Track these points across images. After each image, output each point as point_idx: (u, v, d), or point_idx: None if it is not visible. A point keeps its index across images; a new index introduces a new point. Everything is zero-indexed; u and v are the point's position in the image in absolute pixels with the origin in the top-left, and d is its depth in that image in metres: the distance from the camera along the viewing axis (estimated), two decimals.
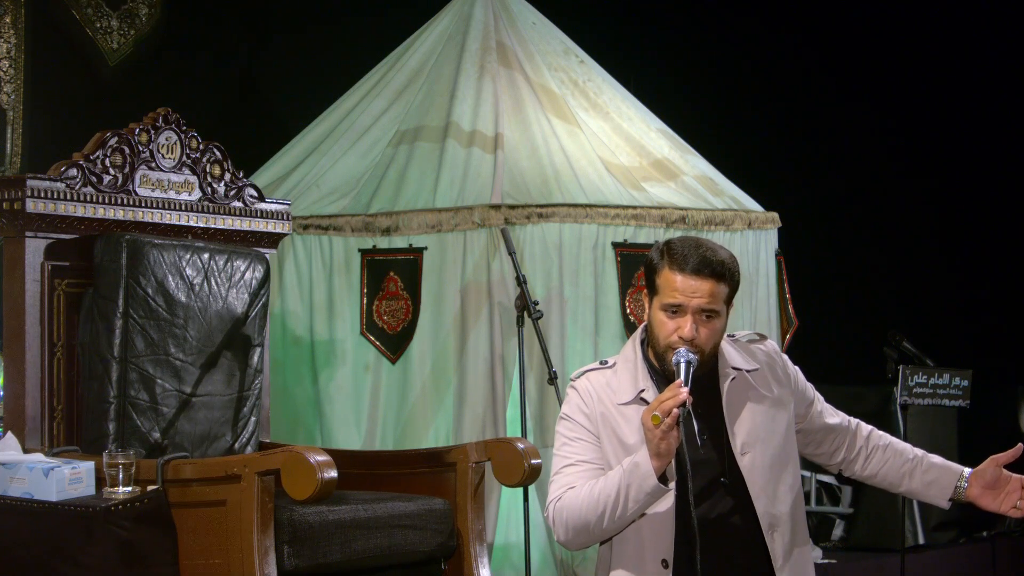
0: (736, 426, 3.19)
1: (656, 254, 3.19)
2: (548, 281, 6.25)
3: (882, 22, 9.18)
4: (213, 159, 4.99)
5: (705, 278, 3.12)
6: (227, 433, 4.78)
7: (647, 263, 3.21)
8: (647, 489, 3.04)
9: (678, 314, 3.13)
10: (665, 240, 3.23)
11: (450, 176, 6.47)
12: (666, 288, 3.14)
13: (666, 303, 3.14)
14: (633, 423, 3.18)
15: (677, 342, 3.13)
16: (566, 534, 3.19)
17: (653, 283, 3.18)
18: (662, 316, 3.15)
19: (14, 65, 6.85)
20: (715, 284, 3.13)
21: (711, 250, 3.16)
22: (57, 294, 4.60)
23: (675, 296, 3.13)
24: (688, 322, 3.12)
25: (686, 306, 3.12)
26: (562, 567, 6.14)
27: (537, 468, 4.55)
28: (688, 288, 3.12)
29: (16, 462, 4.24)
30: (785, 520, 3.18)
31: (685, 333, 3.12)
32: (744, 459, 3.17)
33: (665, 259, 3.16)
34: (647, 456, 3.03)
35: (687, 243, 3.18)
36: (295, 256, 6.39)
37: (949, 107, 9.02)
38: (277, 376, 6.12)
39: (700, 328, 3.13)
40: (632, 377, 3.24)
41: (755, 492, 3.15)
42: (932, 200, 9.15)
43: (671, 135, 7.24)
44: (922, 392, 7.01)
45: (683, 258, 3.13)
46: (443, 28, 7.18)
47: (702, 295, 3.12)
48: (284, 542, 4.09)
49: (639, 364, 3.25)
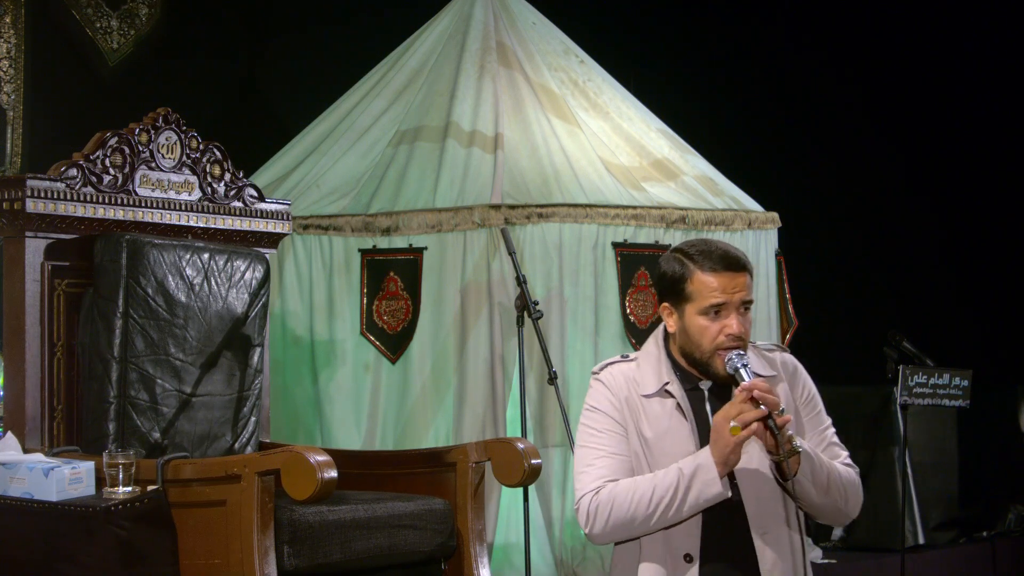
0: None
1: (675, 264, 3.18)
2: (548, 281, 6.25)
3: (882, 22, 9.18)
4: (213, 159, 4.99)
5: (738, 271, 3.14)
6: (227, 433, 4.78)
7: (667, 277, 3.20)
8: (709, 495, 3.06)
9: (721, 314, 3.13)
10: (673, 250, 3.22)
11: (450, 176, 6.47)
12: (703, 291, 3.13)
13: (707, 305, 3.13)
14: (652, 415, 3.19)
15: (725, 342, 3.13)
16: (603, 527, 3.15)
17: (682, 292, 3.17)
18: (702, 321, 3.15)
19: (14, 65, 6.85)
20: (746, 275, 3.16)
21: (728, 245, 3.19)
22: (57, 294, 4.60)
23: (716, 296, 3.12)
24: (734, 318, 3.13)
25: (729, 303, 3.13)
26: (562, 567, 6.14)
27: (537, 468, 4.55)
28: (728, 285, 3.12)
29: (16, 462, 4.24)
30: (776, 528, 3.16)
31: (735, 330, 3.12)
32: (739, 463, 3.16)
33: (692, 264, 3.16)
34: (711, 460, 3.05)
35: (703, 245, 3.19)
36: (295, 256, 6.39)
37: (948, 107, 9.02)
38: (277, 376, 6.12)
39: (743, 321, 3.15)
40: (655, 370, 3.23)
41: (745, 495, 3.14)
42: (932, 200, 9.15)
43: (671, 135, 7.24)
44: (922, 392, 7.01)
45: (712, 258, 3.14)
46: (443, 28, 7.18)
47: (741, 288, 3.13)
48: (284, 542, 4.09)
49: (662, 359, 3.25)
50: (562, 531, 6.18)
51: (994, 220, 9.01)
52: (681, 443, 3.17)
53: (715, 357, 3.14)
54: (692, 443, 3.16)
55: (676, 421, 3.19)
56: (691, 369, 3.22)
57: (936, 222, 9.18)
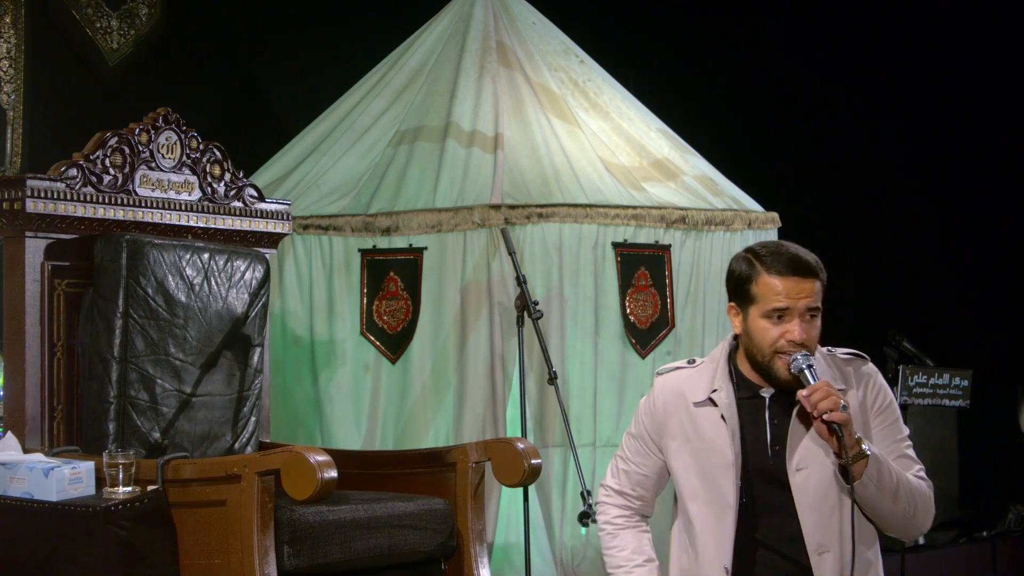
0: (799, 441, 3.13)
1: (744, 265, 3.17)
2: (548, 281, 6.25)
3: (883, 22, 9.18)
4: (213, 159, 4.99)
5: (805, 277, 3.11)
6: (227, 433, 4.78)
7: (734, 276, 3.18)
8: None
9: (784, 319, 3.10)
10: (746, 249, 3.21)
11: (450, 176, 6.47)
12: (767, 294, 3.11)
13: (771, 309, 3.11)
14: (701, 424, 3.18)
15: (786, 347, 3.10)
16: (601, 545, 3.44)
17: (747, 293, 3.14)
18: (764, 323, 3.12)
19: (14, 65, 6.85)
20: (815, 282, 3.12)
21: (800, 250, 3.15)
22: (57, 294, 4.60)
23: (780, 300, 3.10)
24: (796, 324, 3.09)
25: (793, 308, 3.10)
26: (562, 567, 6.13)
27: (537, 468, 4.55)
28: (793, 290, 3.09)
29: (16, 462, 4.24)
30: (838, 544, 3.09)
31: (796, 336, 3.09)
32: (797, 476, 3.11)
33: (759, 266, 3.13)
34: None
35: (775, 247, 3.16)
36: (295, 256, 6.39)
37: (949, 107, 9.01)
38: (277, 376, 6.12)
39: (807, 328, 3.11)
40: (709, 377, 3.22)
41: (802, 511, 3.09)
42: (932, 200, 9.14)
43: (671, 135, 7.23)
44: (922, 392, 7.01)
45: (780, 261, 3.12)
46: (443, 28, 7.18)
47: (807, 294, 3.10)
48: (284, 542, 4.09)
49: (721, 365, 3.23)
50: (562, 531, 6.17)
51: (994, 220, 9.00)
52: (721, 454, 3.13)
53: (776, 359, 3.11)
54: (731, 454, 3.12)
55: (722, 431, 3.15)
56: (753, 375, 3.18)
57: (936, 222, 9.17)
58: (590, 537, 6.15)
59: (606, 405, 6.35)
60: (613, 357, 6.38)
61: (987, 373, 7.79)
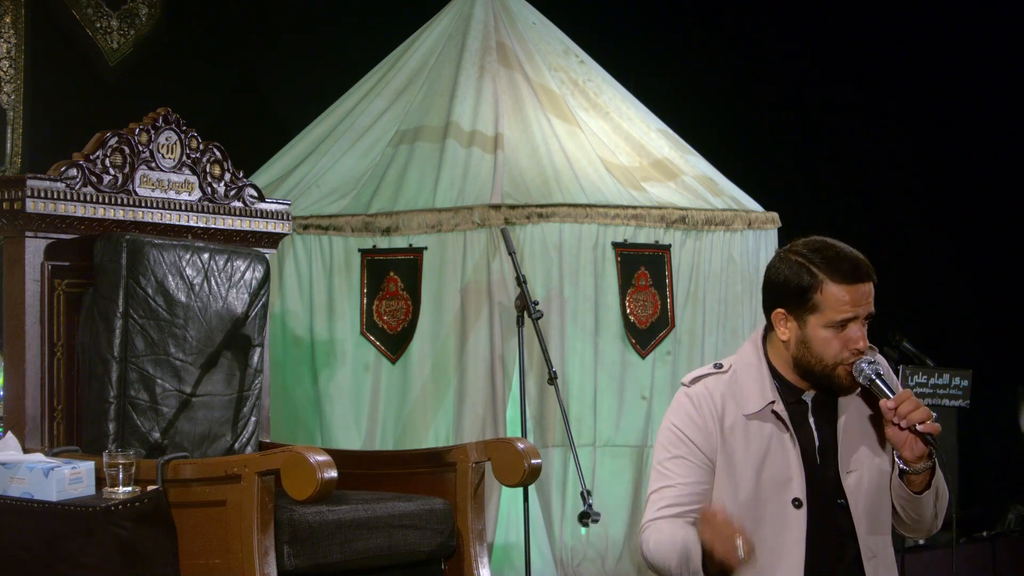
0: (847, 443, 3.04)
1: (802, 272, 2.98)
2: (548, 281, 6.25)
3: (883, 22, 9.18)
4: (213, 159, 4.99)
5: (866, 281, 2.98)
6: (227, 433, 4.78)
7: (790, 284, 2.99)
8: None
9: (847, 328, 2.95)
10: (792, 252, 3.03)
11: (450, 176, 6.47)
12: (833, 304, 2.94)
13: (837, 319, 2.94)
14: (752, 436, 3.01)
15: (851, 357, 2.96)
16: (648, 562, 3.04)
17: (808, 302, 2.96)
18: (826, 334, 2.95)
19: (14, 65, 6.85)
20: (872, 284, 3.00)
21: (851, 250, 3.01)
22: (57, 294, 4.60)
23: (846, 310, 2.94)
24: (861, 332, 2.95)
25: (857, 316, 2.95)
26: (562, 567, 6.13)
27: (537, 468, 4.55)
28: (859, 297, 2.95)
29: (16, 462, 4.24)
30: (883, 550, 3.05)
31: (862, 345, 2.95)
32: (849, 478, 3.02)
33: (821, 274, 2.96)
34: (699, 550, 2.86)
35: (830, 251, 3.00)
36: (295, 256, 6.39)
37: (949, 106, 9.01)
38: (277, 376, 6.12)
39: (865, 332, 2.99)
40: (759, 386, 3.03)
41: (857, 516, 3.02)
42: (932, 200, 9.14)
43: (671, 135, 7.23)
44: (922, 392, 7.01)
45: (843, 269, 2.96)
46: (443, 28, 7.18)
47: (868, 299, 2.97)
48: (284, 542, 4.09)
49: (764, 372, 3.04)
50: (562, 531, 6.18)
51: (994, 220, 9.00)
52: (785, 466, 3.00)
53: (838, 369, 2.97)
54: (797, 465, 3.00)
55: (778, 442, 3.01)
56: (795, 379, 3.05)
57: (936, 222, 9.17)
58: (590, 537, 6.16)
59: (606, 405, 6.35)
60: (613, 357, 6.38)
61: (987, 373, 7.79)
